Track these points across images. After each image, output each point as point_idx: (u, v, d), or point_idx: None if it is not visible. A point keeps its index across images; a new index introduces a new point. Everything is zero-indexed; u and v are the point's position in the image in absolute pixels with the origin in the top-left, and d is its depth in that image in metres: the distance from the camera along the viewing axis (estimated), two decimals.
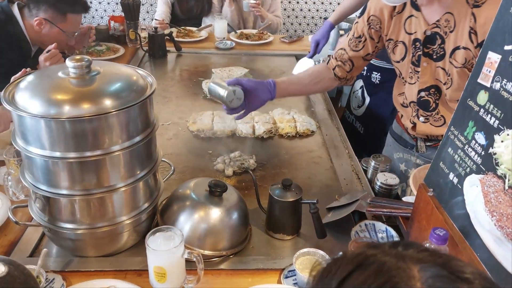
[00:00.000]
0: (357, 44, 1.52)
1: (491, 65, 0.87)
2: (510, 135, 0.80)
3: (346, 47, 1.55)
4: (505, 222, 0.79)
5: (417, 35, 1.36)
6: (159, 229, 1.02)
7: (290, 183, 1.22)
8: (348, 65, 1.56)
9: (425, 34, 1.33)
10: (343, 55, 1.56)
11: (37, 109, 0.94)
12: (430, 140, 1.51)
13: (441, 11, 1.29)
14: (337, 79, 1.60)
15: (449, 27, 1.28)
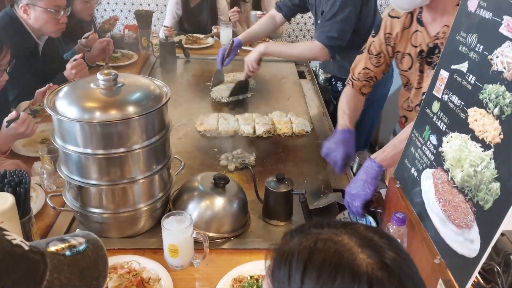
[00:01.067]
0: (378, 60, 1.71)
1: (442, 80, 1.07)
2: (453, 137, 1.00)
3: (369, 66, 1.73)
4: (448, 207, 0.99)
5: (422, 47, 1.56)
6: (172, 213, 1.23)
7: (283, 177, 1.43)
8: (373, 81, 1.76)
9: (428, 46, 1.53)
10: (369, 73, 1.74)
11: (73, 114, 1.15)
12: None
13: (441, 25, 1.48)
14: (365, 95, 1.80)
15: (445, 38, 1.44)
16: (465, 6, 1.01)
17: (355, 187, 1.36)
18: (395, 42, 1.65)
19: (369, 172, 1.36)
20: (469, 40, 0.98)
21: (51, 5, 2.05)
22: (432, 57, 1.55)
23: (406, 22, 1.60)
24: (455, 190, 0.97)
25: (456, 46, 1.03)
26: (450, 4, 1.44)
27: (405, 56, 1.64)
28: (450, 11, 1.43)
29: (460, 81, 0.99)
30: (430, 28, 1.52)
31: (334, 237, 0.62)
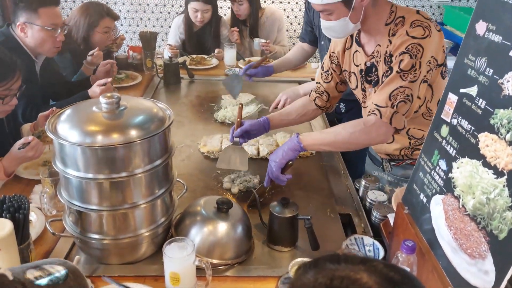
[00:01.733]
0: (327, 76, 1.80)
1: (451, 104, 1.05)
2: (463, 163, 0.97)
3: (320, 80, 1.83)
4: (459, 235, 0.95)
5: (361, 66, 1.62)
6: (174, 240, 1.20)
7: (288, 201, 1.39)
8: (325, 95, 1.82)
9: (366, 65, 1.59)
10: (319, 87, 1.83)
11: (75, 138, 1.14)
12: (393, 160, 1.75)
13: (375, 44, 1.55)
14: (319, 108, 1.86)
15: (379, 57, 1.54)
16: (473, 29, 0.99)
17: (275, 155, 1.56)
18: (339, 60, 1.73)
19: (289, 144, 1.55)
20: (478, 64, 0.96)
21: (48, 23, 2.05)
22: (371, 76, 1.60)
23: (347, 43, 1.68)
24: (467, 217, 0.93)
25: (465, 70, 1.01)
26: (380, 24, 1.51)
27: (352, 75, 1.70)
28: (382, 30, 1.52)
29: (470, 105, 0.97)
30: (367, 47, 1.60)
31: (352, 275, 0.58)
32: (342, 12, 1.46)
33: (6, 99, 1.69)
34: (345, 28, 1.50)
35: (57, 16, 2.12)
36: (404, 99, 1.42)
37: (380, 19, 1.50)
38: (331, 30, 1.54)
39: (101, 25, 2.60)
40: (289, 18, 4.33)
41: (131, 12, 4.26)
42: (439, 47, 1.44)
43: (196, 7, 3.11)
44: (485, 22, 0.95)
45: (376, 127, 1.46)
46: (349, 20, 1.47)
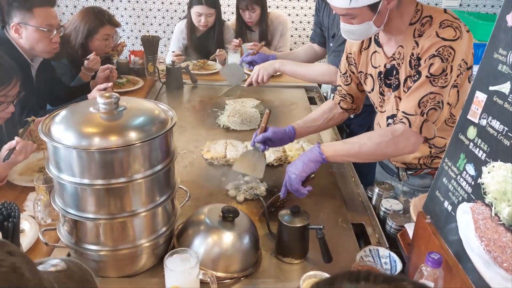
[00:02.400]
0: (346, 79, 1.70)
1: (479, 103, 0.96)
2: (495, 167, 0.88)
3: (340, 83, 1.73)
4: (492, 247, 0.86)
5: (381, 68, 1.52)
6: (176, 251, 1.10)
7: (298, 210, 1.30)
8: (349, 98, 1.72)
9: (385, 67, 1.49)
10: (341, 90, 1.73)
11: (70, 140, 1.05)
12: (410, 169, 1.64)
13: (396, 45, 1.45)
14: (345, 111, 1.75)
15: (401, 59, 1.44)
16: (504, 21, 0.91)
17: (294, 167, 1.45)
18: (356, 62, 1.63)
19: (310, 155, 1.44)
20: (511, 58, 0.87)
21: (43, 24, 1.98)
22: (390, 79, 1.50)
23: (364, 43, 1.58)
24: (502, 227, 0.84)
25: (495, 65, 0.92)
26: (402, 24, 1.41)
27: (368, 77, 1.60)
28: (404, 30, 1.42)
29: (502, 104, 0.88)
30: (387, 48, 1.50)
31: None
32: (366, 16, 1.35)
33: (2, 105, 1.61)
34: (368, 31, 1.41)
35: (53, 17, 2.04)
36: (435, 106, 1.32)
37: (404, 19, 1.40)
38: (352, 33, 1.44)
39: (101, 32, 2.53)
40: (294, 23, 4.27)
41: (133, 17, 4.21)
42: (469, 49, 1.35)
43: (199, 11, 3.04)
44: None
45: (405, 137, 1.36)
46: (373, 24, 1.37)
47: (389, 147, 1.38)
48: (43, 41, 2.01)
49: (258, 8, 3.13)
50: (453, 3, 4.24)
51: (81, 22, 2.50)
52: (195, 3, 3.04)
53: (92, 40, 2.53)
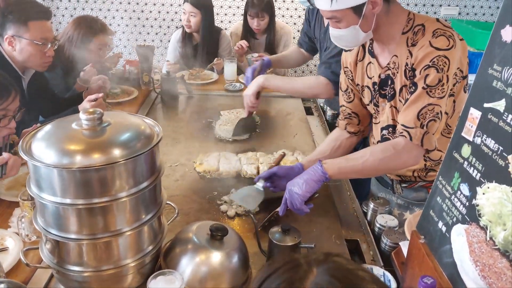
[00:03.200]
0: (348, 96, 1.65)
1: (473, 120, 0.92)
2: (490, 188, 0.84)
3: (343, 103, 1.68)
4: (488, 272, 0.82)
5: (375, 78, 1.49)
6: (161, 273, 1.06)
7: (289, 228, 1.26)
8: (354, 118, 1.66)
9: (380, 77, 1.47)
10: (345, 110, 1.68)
11: (51, 159, 1.01)
12: (404, 182, 1.61)
13: (390, 55, 1.43)
14: (353, 135, 1.70)
15: (395, 68, 1.41)
16: (498, 36, 0.88)
17: (297, 186, 1.39)
18: (352, 75, 1.60)
19: (312, 174, 1.39)
20: (506, 75, 0.84)
21: (38, 38, 1.95)
22: (385, 89, 1.47)
23: (359, 55, 1.56)
24: (497, 252, 0.80)
25: (489, 81, 0.89)
26: (395, 32, 1.40)
27: (365, 89, 1.57)
28: (397, 39, 1.40)
29: (497, 122, 0.85)
30: (381, 58, 1.48)
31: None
32: (351, 19, 1.34)
33: (3, 120, 1.58)
34: (356, 37, 1.39)
35: (48, 30, 2.02)
36: (434, 117, 1.31)
37: (395, 28, 1.39)
38: (340, 39, 1.43)
39: (95, 42, 2.51)
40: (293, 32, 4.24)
41: (129, 26, 4.19)
42: (464, 58, 1.33)
43: (184, 8, 3.06)
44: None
45: (407, 150, 1.34)
46: (359, 29, 1.36)
47: (392, 161, 1.37)
48: (37, 54, 1.98)
49: (267, 16, 3.12)
50: (452, 11, 4.22)
51: (74, 31, 2.48)
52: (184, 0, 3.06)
53: (85, 49, 2.50)
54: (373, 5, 1.32)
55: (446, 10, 4.20)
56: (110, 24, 4.18)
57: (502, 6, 0.87)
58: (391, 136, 1.51)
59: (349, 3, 1.31)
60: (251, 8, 3.09)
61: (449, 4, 4.18)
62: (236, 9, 4.15)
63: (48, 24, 2.03)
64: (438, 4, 4.19)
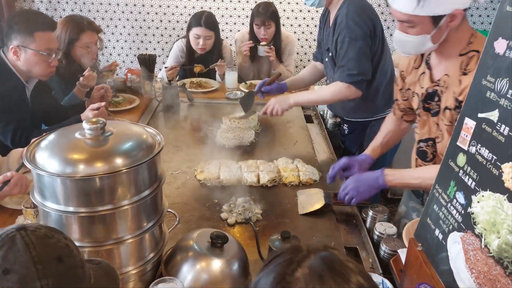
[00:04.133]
0: (403, 95, 1.66)
1: (468, 130, 0.94)
2: (485, 197, 0.86)
3: (398, 98, 1.71)
4: (483, 280, 0.83)
5: (423, 90, 1.48)
6: (161, 280, 1.08)
7: (289, 235, 1.28)
8: (409, 110, 1.69)
9: (427, 91, 1.45)
10: (400, 105, 1.71)
11: (54, 168, 1.04)
12: None
13: (443, 71, 1.40)
14: (408, 122, 1.76)
15: (444, 87, 1.39)
16: (491, 48, 0.90)
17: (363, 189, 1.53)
18: (405, 79, 1.60)
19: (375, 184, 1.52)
20: (499, 86, 0.86)
21: (42, 48, 1.98)
22: (430, 103, 1.46)
23: (416, 62, 1.54)
24: (491, 260, 0.82)
25: (483, 92, 0.91)
26: (455, 51, 1.36)
27: (415, 95, 1.56)
28: (453, 58, 1.37)
29: (490, 132, 0.87)
30: (435, 72, 1.45)
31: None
32: (426, 27, 1.30)
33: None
34: (422, 46, 1.35)
35: (52, 41, 2.05)
36: None
37: (456, 47, 1.35)
38: (404, 45, 1.39)
39: (82, 39, 2.52)
40: (300, 41, 4.28)
41: (131, 35, 4.23)
42: None
43: (198, 32, 3.01)
44: (505, 40, 0.86)
45: None
46: (430, 39, 1.32)
47: None
48: (41, 65, 2.01)
49: (273, 24, 3.14)
50: None
51: (61, 31, 2.50)
52: (193, 25, 3.03)
53: (74, 48, 2.53)
54: (452, 18, 1.27)
55: None
56: (113, 33, 4.22)
57: (495, 19, 0.89)
58: (429, 149, 1.51)
59: (433, 11, 1.26)
60: (256, 17, 3.11)
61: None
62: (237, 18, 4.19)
63: (53, 35, 2.06)
64: None
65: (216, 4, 4.11)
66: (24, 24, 1.96)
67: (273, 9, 3.13)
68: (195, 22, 3.01)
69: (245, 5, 4.13)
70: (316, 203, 1.65)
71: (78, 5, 4.15)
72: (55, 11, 4.16)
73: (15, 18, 1.97)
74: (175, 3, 4.13)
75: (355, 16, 2.04)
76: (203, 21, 2.98)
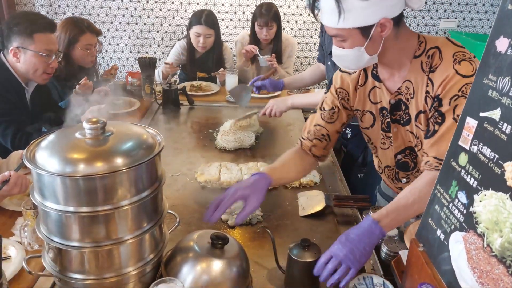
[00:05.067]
0: (331, 116, 1.55)
1: (469, 129, 0.94)
2: (487, 196, 0.86)
3: (320, 122, 1.57)
4: (485, 279, 0.83)
5: (383, 104, 1.44)
6: (162, 281, 1.07)
7: (309, 243, 1.24)
8: (325, 140, 1.57)
9: (390, 103, 1.42)
10: (320, 130, 1.56)
11: (54, 167, 1.03)
12: None
13: (401, 80, 1.37)
14: (316, 159, 1.60)
15: (409, 94, 1.36)
16: (493, 46, 0.90)
17: (358, 253, 1.19)
18: (348, 98, 1.52)
19: (372, 239, 1.22)
20: (501, 84, 0.86)
21: (42, 49, 1.98)
22: (396, 113, 1.42)
23: (360, 79, 1.48)
24: (494, 259, 0.81)
25: (484, 91, 0.91)
26: (406, 57, 1.33)
27: (366, 114, 1.51)
28: (408, 64, 1.34)
29: (492, 131, 0.86)
30: (389, 84, 1.41)
31: None
32: (357, 40, 1.27)
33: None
34: (359, 59, 1.31)
35: (52, 43, 2.06)
36: None
37: (406, 52, 1.33)
38: (342, 59, 1.36)
39: (82, 41, 2.54)
40: (300, 45, 4.29)
41: (132, 38, 4.25)
42: None
43: (198, 31, 3.05)
44: (507, 38, 0.86)
45: None
46: (365, 51, 1.29)
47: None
48: (41, 66, 2.02)
49: (275, 25, 3.16)
50: (451, 24, 4.27)
51: (61, 32, 2.51)
52: (194, 23, 3.06)
53: (73, 49, 2.54)
54: (382, 28, 1.25)
55: (445, 22, 4.25)
56: (113, 36, 4.23)
57: (496, 17, 0.89)
58: (408, 158, 1.47)
59: (356, 23, 1.23)
60: (259, 17, 3.14)
61: (448, 16, 4.23)
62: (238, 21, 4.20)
63: (53, 36, 2.06)
64: (437, 17, 4.24)
65: (217, 8, 4.13)
66: (24, 26, 1.97)
67: (275, 10, 3.15)
68: (196, 20, 3.04)
69: (245, 8, 4.15)
70: (317, 205, 1.65)
71: (78, 9, 4.17)
72: (55, 15, 4.18)
73: (14, 20, 1.98)
74: (175, 7, 4.15)
75: None
76: (203, 19, 3.01)
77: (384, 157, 1.54)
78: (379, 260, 1.39)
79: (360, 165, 2.41)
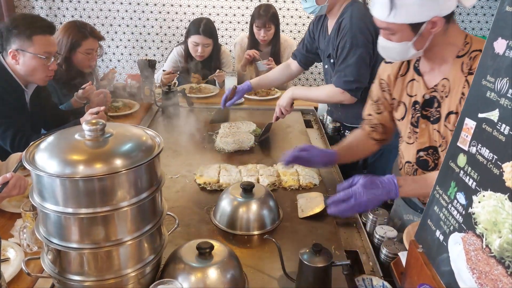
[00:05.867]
0: (378, 107, 1.63)
1: (468, 130, 0.94)
2: (485, 197, 0.86)
3: (371, 112, 1.66)
4: (484, 280, 0.83)
5: (417, 97, 1.45)
6: (161, 282, 1.07)
7: (321, 248, 1.20)
8: (380, 127, 1.66)
9: (424, 97, 1.42)
10: (371, 120, 1.67)
11: (53, 168, 1.03)
12: None
13: (440, 76, 1.38)
14: (377, 142, 1.71)
15: (445, 92, 1.36)
16: (491, 48, 0.90)
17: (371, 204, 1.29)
18: (389, 88, 1.56)
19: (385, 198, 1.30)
20: (499, 86, 0.86)
21: (41, 51, 1.98)
22: (428, 110, 1.42)
23: (402, 69, 1.51)
24: (493, 260, 0.81)
25: (483, 92, 0.91)
26: (450, 54, 1.34)
27: (400, 105, 1.53)
28: (450, 61, 1.34)
29: (491, 132, 0.87)
30: (428, 78, 1.42)
31: None
32: (406, 35, 1.28)
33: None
34: (405, 53, 1.33)
35: (51, 45, 2.06)
36: None
37: (450, 49, 1.33)
38: (388, 51, 1.38)
39: (84, 46, 2.54)
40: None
41: (131, 41, 4.25)
42: None
43: (196, 40, 3.05)
44: (504, 40, 0.86)
45: None
46: (412, 46, 1.30)
47: None
48: (40, 68, 2.01)
49: (273, 26, 3.17)
50: None
51: (63, 36, 2.51)
52: (192, 32, 3.06)
53: (75, 54, 2.54)
54: (432, 25, 1.25)
55: None
56: (112, 39, 4.24)
57: (494, 19, 0.90)
58: (429, 157, 1.48)
59: (408, 19, 1.24)
60: (257, 19, 3.14)
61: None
62: (237, 24, 4.21)
63: (52, 38, 2.07)
64: None
65: (216, 10, 4.14)
66: (23, 28, 1.97)
67: (274, 11, 3.16)
68: (194, 30, 3.04)
69: (244, 11, 4.16)
70: (316, 207, 1.65)
71: (78, 11, 4.17)
72: (55, 17, 4.18)
73: (13, 22, 1.98)
74: (174, 10, 4.16)
75: (360, 23, 2.05)
76: (201, 29, 3.01)
77: (407, 151, 1.55)
78: (379, 262, 1.39)
79: (361, 167, 2.40)
